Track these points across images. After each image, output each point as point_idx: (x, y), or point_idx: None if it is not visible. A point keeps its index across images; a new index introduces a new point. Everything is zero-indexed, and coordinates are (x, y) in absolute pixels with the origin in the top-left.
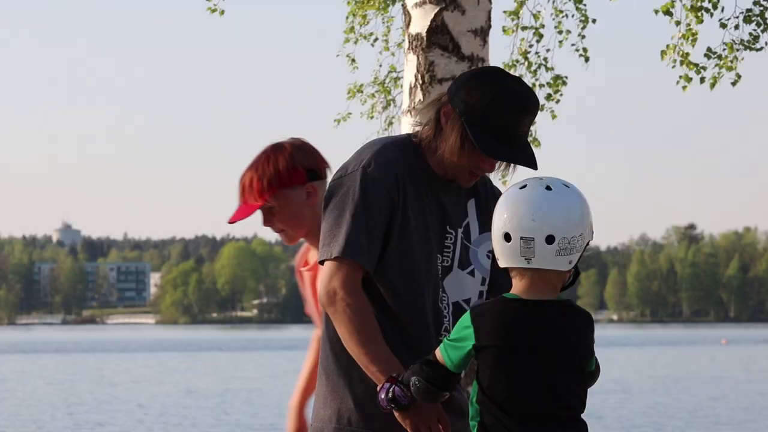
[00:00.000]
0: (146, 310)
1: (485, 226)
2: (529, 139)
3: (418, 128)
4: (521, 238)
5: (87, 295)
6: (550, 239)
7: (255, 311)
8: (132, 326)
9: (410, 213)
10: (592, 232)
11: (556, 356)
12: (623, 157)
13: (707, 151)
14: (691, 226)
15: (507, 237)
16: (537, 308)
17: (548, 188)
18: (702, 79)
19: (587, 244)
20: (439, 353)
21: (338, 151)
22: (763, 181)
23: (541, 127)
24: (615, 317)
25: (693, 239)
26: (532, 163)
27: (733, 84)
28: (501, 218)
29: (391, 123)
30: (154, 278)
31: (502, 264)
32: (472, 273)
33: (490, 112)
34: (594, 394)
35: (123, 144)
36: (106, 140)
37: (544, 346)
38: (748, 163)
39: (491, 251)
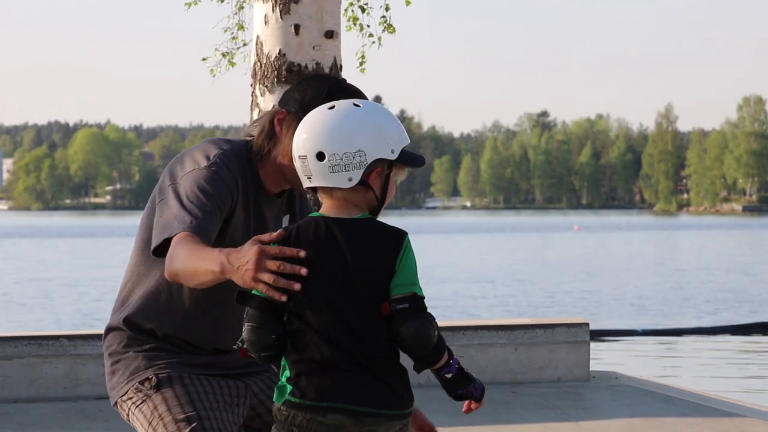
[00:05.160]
0: None
1: None
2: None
3: (250, 138)
4: (298, 157)
5: None
6: (320, 156)
7: (108, 197)
8: None
9: (235, 219)
10: (391, 149)
11: (349, 275)
12: (475, 44)
13: (559, 38)
14: (544, 113)
15: (295, 158)
16: (337, 225)
17: (331, 108)
18: None
19: (384, 160)
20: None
21: (190, 35)
22: (614, 69)
23: (395, 14)
24: (468, 204)
25: (546, 126)
26: None
27: None
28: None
29: (242, 7)
30: (7, 164)
31: (305, 184)
32: None
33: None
34: (444, 282)
35: None
36: None
37: (336, 263)
38: (600, 51)
39: None
